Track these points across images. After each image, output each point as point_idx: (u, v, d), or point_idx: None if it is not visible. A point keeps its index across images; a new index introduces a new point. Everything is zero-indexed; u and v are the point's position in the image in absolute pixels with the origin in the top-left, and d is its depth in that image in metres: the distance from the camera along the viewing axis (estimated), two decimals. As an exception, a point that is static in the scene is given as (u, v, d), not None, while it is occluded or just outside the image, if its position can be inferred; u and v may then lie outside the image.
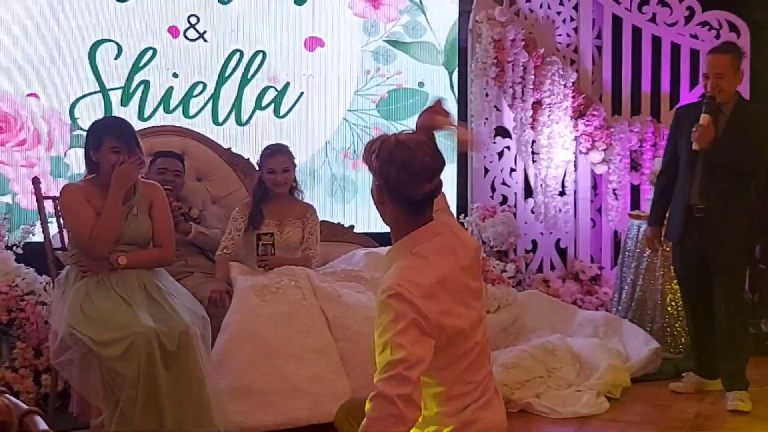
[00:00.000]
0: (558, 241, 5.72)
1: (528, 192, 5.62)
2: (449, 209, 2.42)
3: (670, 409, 4.05)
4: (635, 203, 5.74)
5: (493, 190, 5.54)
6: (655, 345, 4.59)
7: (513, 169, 5.59)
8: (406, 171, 2.07)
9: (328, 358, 3.63)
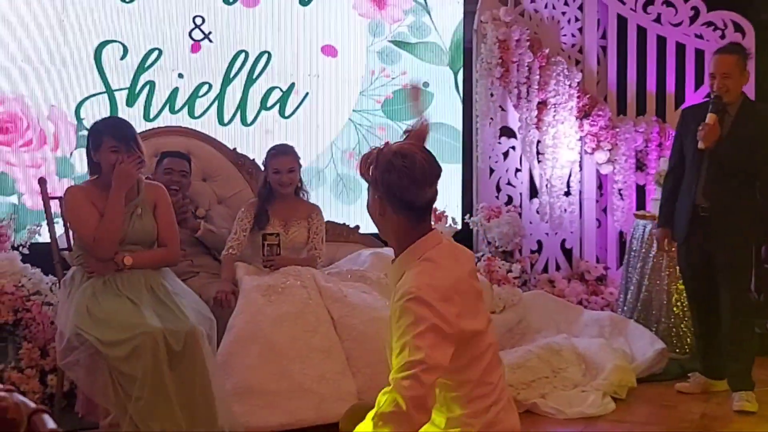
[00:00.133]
0: (563, 241, 5.72)
1: (533, 192, 5.62)
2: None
3: (676, 409, 4.04)
4: (641, 203, 5.74)
5: (498, 190, 5.54)
6: (660, 345, 4.58)
7: (518, 170, 5.59)
8: (408, 177, 2.08)
9: (334, 359, 3.63)
